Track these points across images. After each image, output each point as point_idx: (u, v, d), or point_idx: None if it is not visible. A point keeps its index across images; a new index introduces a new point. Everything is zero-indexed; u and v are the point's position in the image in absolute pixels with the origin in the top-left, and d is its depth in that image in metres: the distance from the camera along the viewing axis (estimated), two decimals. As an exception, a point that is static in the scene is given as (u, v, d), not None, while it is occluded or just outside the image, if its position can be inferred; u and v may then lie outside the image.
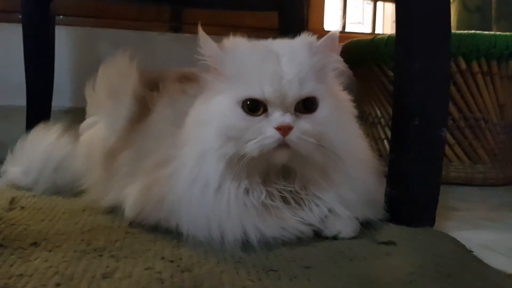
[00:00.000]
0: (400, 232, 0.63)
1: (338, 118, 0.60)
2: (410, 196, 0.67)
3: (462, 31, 1.13)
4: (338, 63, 0.63)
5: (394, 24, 2.02)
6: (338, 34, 0.62)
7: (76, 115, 1.29)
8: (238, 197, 0.58)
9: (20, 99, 1.25)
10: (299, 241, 0.59)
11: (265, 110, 0.57)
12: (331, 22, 1.92)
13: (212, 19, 1.62)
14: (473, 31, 1.11)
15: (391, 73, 1.19)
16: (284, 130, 0.55)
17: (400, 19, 0.67)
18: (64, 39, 1.39)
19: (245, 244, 0.56)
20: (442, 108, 0.66)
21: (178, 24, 1.62)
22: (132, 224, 0.65)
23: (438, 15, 0.64)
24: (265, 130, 0.55)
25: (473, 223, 0.76)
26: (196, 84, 0.73)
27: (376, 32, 2.01)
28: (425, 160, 0.66)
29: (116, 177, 0.72)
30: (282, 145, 0.55)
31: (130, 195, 0.67)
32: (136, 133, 0.74)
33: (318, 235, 0.61)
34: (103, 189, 0.75)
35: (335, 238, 0.61)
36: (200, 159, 0.59)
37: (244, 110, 0.57)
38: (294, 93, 0.56)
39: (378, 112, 1.24)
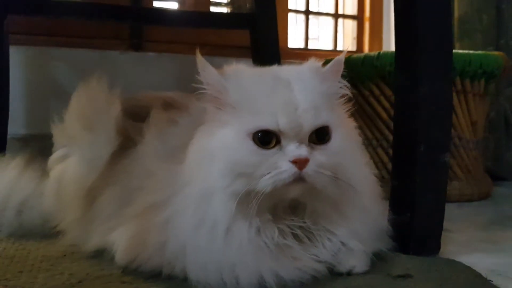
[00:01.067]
0: (412, 263, 0.61)
1: (350, 148, 0.58)
2: (417, 223, 0.66)
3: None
4: (345, 89, 0.60)
5: (354, 41, 2.06)
6: (344, 58, 0.60)
7: (30, 143, 1.18)
8: (251, 239, 0.53)
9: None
10: (315, 280, 0.55)
11: (278, 142, 0.53)
12: (292, 39, 1.93)
13: (175, 36, 1.56)
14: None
15: (367, 93, 1.19)
16: (301, 163, 0.51)
17: (403, 43, 0.66)
18: (16, 59, 1.26)
19: (261, 288, 0.51)
20: (447, 133, 0.66)
21: (139, 42, 1.54)
22: (125, 271, 0.58)
23: (443, 39, 0.63)
24: (280, 164, 0.51)
25: (472, 247, 0.76)
26: (184, 113, 0.67)
27: (337, 48, 2.05)
28: (431, 187, 0.65)
29: (99, 219, 0.65)
30: (298, 179, 0.51)
31: (121, 240, 0.60)
32: (120, 169, 0.67)
33: (330, 271, 0.57)
34: (83, 232, 0.67)
35: (349, 273, 0.58)
36: (206, 199, 0.53)
37: (256, 143, 0.52)
38: (310, 123, 0.53)
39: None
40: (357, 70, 1.18)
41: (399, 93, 0.68)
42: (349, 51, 2.06)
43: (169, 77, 1.48)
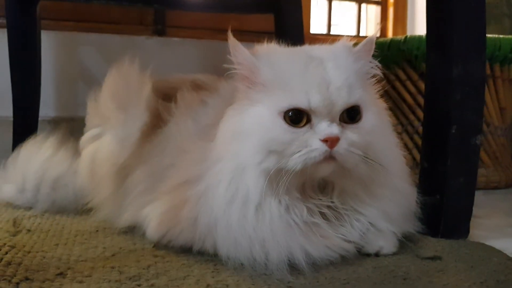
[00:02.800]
0: (442, 246, 0.61)
1: (381, 128, 0.58)
2: (447, 206, 0.65)
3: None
4: (376, 68, 0.59)
5: (378, 27, 2.02)
6: (375, 38, 0.59)
7: (60, 125, 1.21)
8: (281, 216, 0.53)
9: (3, 110, 1.15)
10: (343, 259, 0.55)
11: (309, 120, 0.53)
12: (315, 25, 1.91)
13: (196, 22, 1.57)
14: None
15: (393, 77, 1.17)
16: (332, 142, 0.51)
17: (435, 23, 0.65)
18: (46, 44, 1.29)
19: (291, 266, 0.52)
20: (479, 115, 0.64)
21: (162, 27, 1.56)
22: (157, 246, 0.60)
23: (477, 19, 0.62)
24: (311, 143, 0.51)
25: (500, 232, 0.75)
26: (214, 93, 0.68)
27: (360, 34, 2.02)
28: (462, 169, 0.65)
29: (132, 195, 0.66)
30: (328, 158, 0.51)
31: (153, 216, 0.61)
32: (152, 147, 0.68)
33: (358, 251, 0.57)
34: (115, 208, 0.69)
35: (377, 254, 0.58)
36: (238, 175, 0.54)
37: (286, 122, 0.53)
38: (343, 101, 0.52)
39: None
40: (383, 54, 1.16)
41: (430, 73, 0.67)
42: (372, 37, 2.03)
43: (192, 61, 1.49)
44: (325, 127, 0.52)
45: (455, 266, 0.55)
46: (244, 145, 0.54)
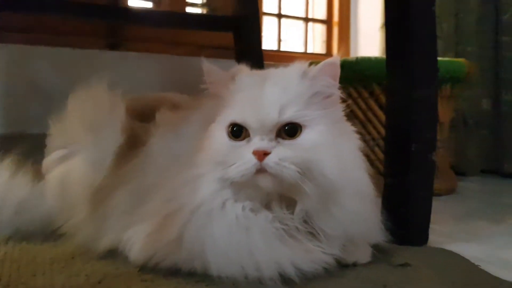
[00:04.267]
0: (409, 253, 0.67)
1: (332, 146, 0.57)
2: (411, 217, 0.71)
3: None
4: (335, 90, 0.61)
5: (324, 44, 2.14)
6: (339, 61, 0.61)
7: (12, 143, 1.15)
8: (263, 228, 0.56)
9: None
10: (326, 271, 0.58)
11: (248, 135, 0.57)
12: (265, 41, 1.98)
13: (152, 35, 1.55)
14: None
15: (345, 95, 1.25)
16: (259, 155, 0.55)
17: (395, 53, 0.72)
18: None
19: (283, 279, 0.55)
20: (434, 133, 0.72)
21: (116, 41, 1.53)
22: (142, 269, 0.60)
23: (431, 49, 0.69)
24: (244, 155, 0.56)
25: (454, 237, 0.83)
26: (192, 112, 0.70)
27: (308, 51, 2.11)
28: (422, 183, 0.71)
29: (112, 217, 0.66)
30: (261, 170, 0.55)
31: (137, 238, 0.61)
32: (131, 168, 0.68)
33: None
34: (93, 231, 0.67)
35: (354, 264, 0.62)
36: (198, 184, 0.58)
37: (229, 135, 0.58)
38: (272, 118, 0.56)
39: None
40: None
41: (391, 97, 0.73)
42: (318, 54, 2.14)
43: (150, 76, 1.48)
44: (256, 141, 0.56)
45: (424, 272, 0.60)
46: (203, 158, 0.59)
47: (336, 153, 0.57)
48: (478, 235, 0.86)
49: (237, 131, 0.58)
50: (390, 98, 0.74)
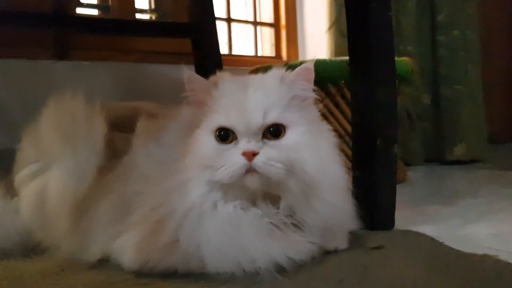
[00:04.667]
0: (380, 237, 0.74)
1: (311, 145, 0.62)
2: (379, 204, 0.78)
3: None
4: (311, 92, 0.66)
5: (273, 47, 2.21)
6: (313, 66, 0.66)
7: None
8: (250, 222, 0.60)
9: None
10: (313, 258, 0.64)
11: (235, 138, 0.61)
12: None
13: (102, 43, 1.53)
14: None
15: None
16: (249, 155, 0.58)
17: (357, 56, 0.78)
18: None
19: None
20: (395, 127, 0.79)
21: (64, 50, 1.49)
22: (138, 275, 0.61)
23: (389, 53, 0.77)
24: (233, 157, 0.59)
25: (413, 221, 0.91)
26: (172, 119, 0.72)
27: (258, 54, 2.17)
28: (387, 173, 0.79)
29: (98, 227, 0.67)
30: (250, 170, 0.59)
31: (128, 246, 0.62)
32: (113, 178, 0.69)
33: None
34: (78, 243, 0.68)
35: (335, 250, 0.68)
36: (187, 187, 0.61)
37: (216, 139, 0.61)
38: (258, 121, 0.60)
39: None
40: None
41: (356, 97, 0.80)
42: (268, 57, 2.20)
43: (104, 85, 1.46)
44: (244, 143, 0.60)
45: (396, 252, 0.67)
46: (189, 163, 0.62)
47: (315, 151, 0.63)
48: (433, 217, 0.96)
49: (224, 135, 0.61)
50: (355, 98, 0.80)
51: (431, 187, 1.37)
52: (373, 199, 0.78)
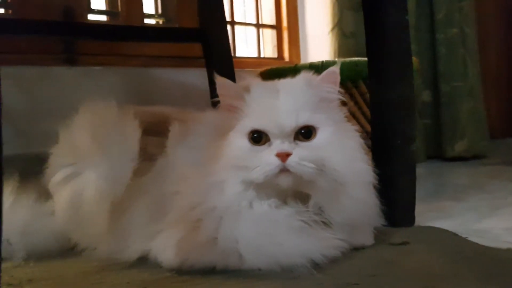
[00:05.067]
0: (404, 233, 0.77)
1: (339, 144, 0.65)
2: (400, 202, 0.82)
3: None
4: (337, 94, 0.70)
5: (275, 49, 2.24)
6: (338, 69, 0.69)
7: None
8: (283, 220, 0.63)
9: None
10: (343, 254, 0.66)
11: (267, 140, 0.64)
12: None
13: (108, 48, 1.55)
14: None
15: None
16: (283, 156, 0.61)
17: (375, 57, 0.82)
18: None
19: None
20: (413, 127, 0.83)
21: (72, 56, 1.50)
22: (178, 272, 0.64)
23: (406, 51, 0.80)
24: (267, 158, 0.62)
25: (428, 216, 0.94)
26: (199, 123, 0.75)
27: (261, 55, 2.20)
28: (407, 171, 0.82)
29: (136, 227, 0.70)
30: (284, 170, 0.62)
31: (168, 245, 0.65)
32: (148, 180, 0.72)
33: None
34: (117, 243, 0.71)
35: (362, 247, 0.71)
36: (223, 187, 0.64)
37: (250, 141, 0.64)
38: (290, 123, 0.63)
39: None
40: (304, 77, 1.34)
41: (375, 97, 0.83)
42: (271, 58, 2.23)
43: (113, 89, 1.48)
44: (278, 145, 0.63)
45: (421, 247, 0.71)
46: (224, 164, 0.65)
47: (344, 150, 0.66)
48: (447, 212, 0.99)
49: (258, 137, 0.64)
50: (373, 98, 0.83)
51: (437, 184, 1.40)
52: (394, 196, 0.81)
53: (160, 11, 1.73)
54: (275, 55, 2.22)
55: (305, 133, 0.64)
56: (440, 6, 1.89)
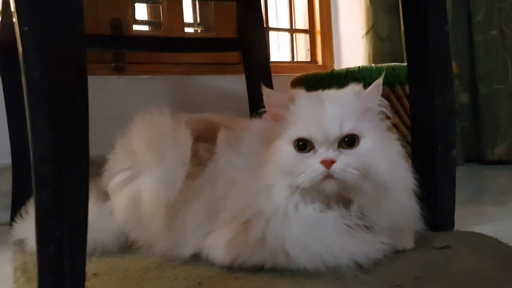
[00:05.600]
0: (445, 237, 0.79)
1: (382, 152, 0.69)
2: (440, 206, 0.84)
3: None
4: (382, 106, 0.73)
5: (308, 53, 2.27)
6: (382, 81, 0.73)
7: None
8: (331, 222, 0.67)
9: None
10: (386, 257, 0.69)
11: (312, 147, 0.67)
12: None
13: (154, 57, 1.64)
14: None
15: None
16: (327, 163, 0.65)
17: (417, 65, 0.84)
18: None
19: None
20: (454, 133, 0.84)
21: (121, 64, 1.59)
22: (229, 269, 0.68)
23: (447, 60, 0.82)
24: (312, 165, 0.66)
25: (469, 221, 0.95)
26: (246, 130, 0.79)
27: (294, 59, 2.24)
28: (447, 176, 0.84)
29: (190, 227, 0.74)
30: (328, 176, 0.65)
31: (219, 244, 0.70)
32: (200, 184, 0.77)
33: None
34: (173, 241, 0.76)
35: (403, 250, 0.74)
36: (270, 191, 0.68)
37: (295, 149, 0.68)
38: (335, 131, 0.66)
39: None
40: (340, 82, 1.36)
41: (415, 103, 0.86)
42: (304, 62, 2.26)
43: (158, 97, 1.56)
44: (322, 152, 0.66)
45: (464, 251, 0.72)
46: (271, 170, 0.69)
47: (386, 157, 0.69)
48: (488, 217, 1.00)
49: (303, 145, 0.68)
50: (414, 105, 0.86)
51: (477, 187, 1.40)
52: (435, 201, 0.83)
53: (198, 20, 1.80)
54: (308, 59, 2.25)
55: (349, 141, 0.68)
56: (478, 7, 1.86)
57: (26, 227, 0.84)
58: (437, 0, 0.83)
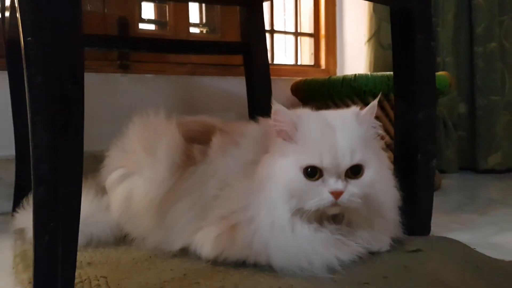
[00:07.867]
0: (418, 241, 0.83)
1: (381, 180, 0.74)
2: (419, 212, 0.88)
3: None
4: (378, 129, 0.76)
5: (312, 56, 2.30)
6: (377, 103, 0.76)
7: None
8: (313, 235, 0.71)
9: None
10: (360, 259, 0.74)
11: (321, 175, 0.70)
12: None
13: (159, 57, 1.68)
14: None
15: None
16: (337, 194, 0.69)
17: (402, 80, 0.88)
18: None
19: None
20: (434, 144, 0.89)
21: (126, 63, 1.64)
22: (213, 263, 0.74)
23: (431, 76, 0.86)
24: (321, 193, 0.69)
25: (447, 227, 1.00)
26: (243, 136, 0.83)
27: (298, 63, 2.28)
28: (426, 185, 0.88)
29: (180, 223, 0.79)
30: (334, 204, 0.70)
31: (207, 239, 0.75)
32: (191, 183, 0.82)
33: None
34: (163, 236, 0.81)
35: (378, 252, 0.78)
36: (272, 208, 0.71)
37: (305, 175, 0.70)
38: (347, 163, 0.70)
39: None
40: (337, 89, 1.41)
41: (399, 116, 0.90)
42: (307, 65, 2.30)
43: (162, 96, 1.61)
44: (332, 183, 0.69)
45: (433, 255, 0.77)
46: (274, 187, 0.71)
47: (384, 184, 0.75)
48: (467, 225, 1.04)
49: (312, 172, 0.70)
50: (398, 117, 0.90)
51: (465, 195, 1.43)
52: (413, 208, 0.87)
53: (204, 20, 1.85)
54: (312, 63, 2.29)
55: (355, 170, 0.71)
56: (480, 19, 1.89)
57: (27, 217, 0.90)
58: (424, 17, 0.87)
